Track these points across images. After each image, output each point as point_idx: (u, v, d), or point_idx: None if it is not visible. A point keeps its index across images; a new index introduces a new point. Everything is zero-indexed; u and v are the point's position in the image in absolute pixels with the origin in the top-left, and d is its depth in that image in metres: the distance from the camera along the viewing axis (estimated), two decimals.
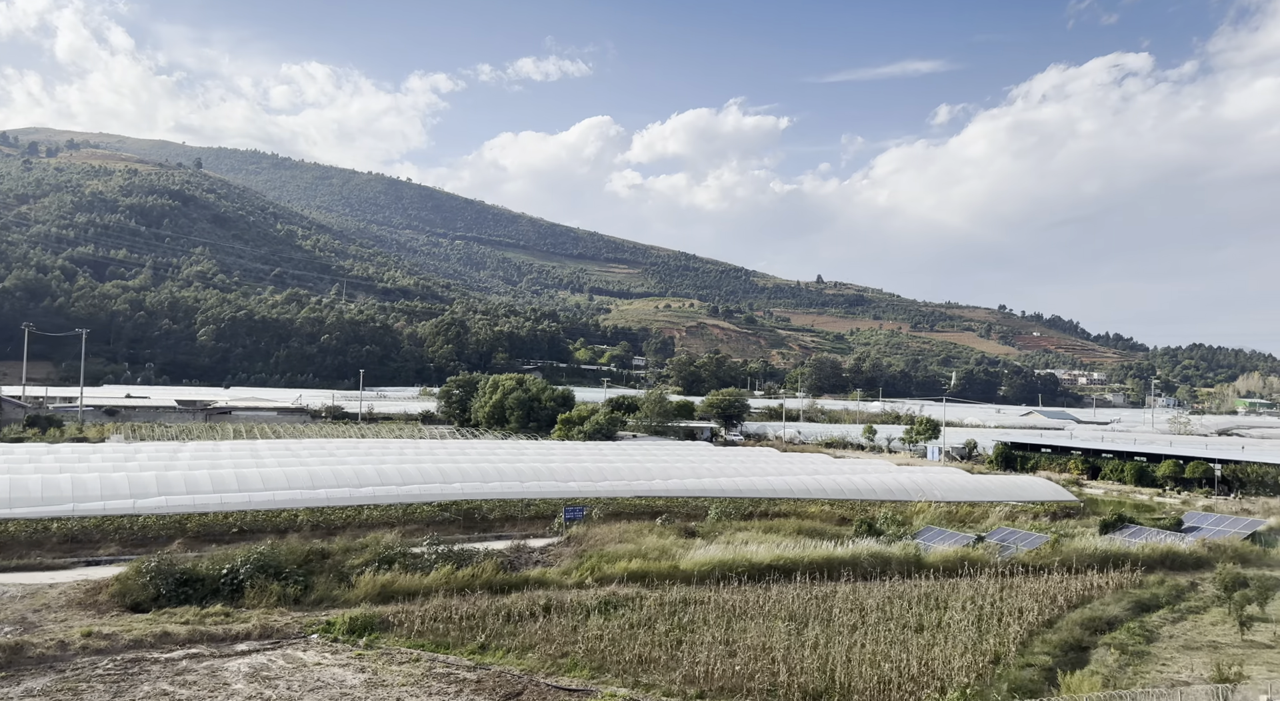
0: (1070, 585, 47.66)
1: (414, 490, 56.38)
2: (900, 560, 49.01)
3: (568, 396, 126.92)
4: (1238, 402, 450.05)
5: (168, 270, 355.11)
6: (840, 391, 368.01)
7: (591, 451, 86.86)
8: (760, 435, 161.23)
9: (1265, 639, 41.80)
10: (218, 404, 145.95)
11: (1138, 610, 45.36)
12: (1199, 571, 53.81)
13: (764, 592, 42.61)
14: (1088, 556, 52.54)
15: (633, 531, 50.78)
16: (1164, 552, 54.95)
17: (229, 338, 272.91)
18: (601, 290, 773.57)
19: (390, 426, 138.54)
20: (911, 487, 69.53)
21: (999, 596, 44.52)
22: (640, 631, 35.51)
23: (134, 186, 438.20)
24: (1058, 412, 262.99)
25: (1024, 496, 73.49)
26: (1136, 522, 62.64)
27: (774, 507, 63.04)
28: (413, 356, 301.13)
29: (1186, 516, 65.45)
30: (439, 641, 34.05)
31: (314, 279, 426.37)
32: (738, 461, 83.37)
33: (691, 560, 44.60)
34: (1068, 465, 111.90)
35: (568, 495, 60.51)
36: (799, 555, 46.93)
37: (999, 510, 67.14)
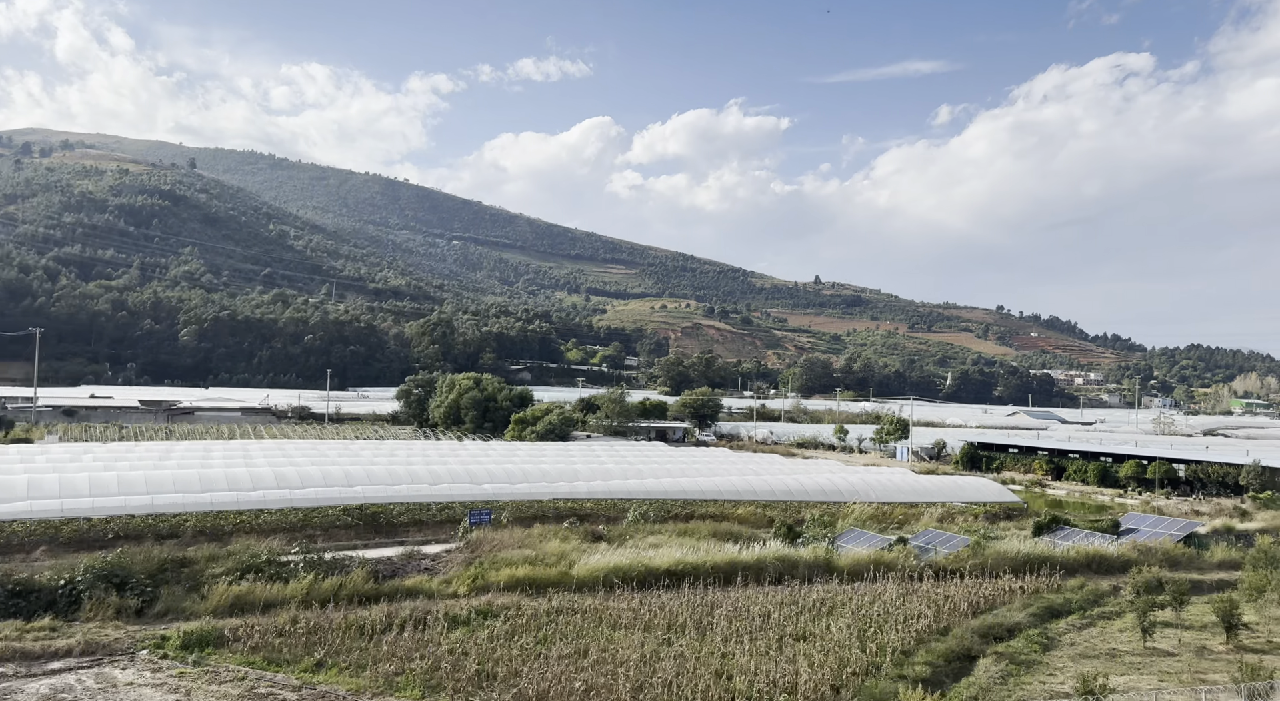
0: (980, 590, 45.88)
1: (311, 493, 54.42)
2: (808, 564, 47.25)
3: (525, 396, 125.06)
4: (1233, 403, 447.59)
5: (155, 270, 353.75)
6: (830, 392, 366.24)
7: (531, 452, 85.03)
8: (734, 436, 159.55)
9: (1169, 646, 39.97)
10: (182, 404, 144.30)
11: (1047, 616, 43.58)
12: (1125, 575, 51.94)
13: (653, 599, 40.83)
14: (1008, 560, 50.79)
15: (536, 536, 49.03)
16: (1090, 556, 53.15)
17: (211, 338, 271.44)
18: (598, 290, 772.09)
19: (357, 427, 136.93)
20: (847, 489, 67.68)
21: (901, 602, 42.75)
22: (499, 645, 33.69)
23: (124, 186, 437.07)
24: (1044, 413, 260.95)
25: (967, 497, 71.67)
26: (1070, 525, 60.80)
27: (701, 509, 61.25)
28: (398, 357, 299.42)
29: (1125, 518, 63.58)
30: (274, 658, 32.08)
31: (304, 279, 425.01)
32: (683, 462, 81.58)
33: (585, 566, 42.82)
34: (1033, 466, 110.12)
35: (481, 497, 58.67)
36: (700, 560, 45.15)
37: (934, 511, 65.33)
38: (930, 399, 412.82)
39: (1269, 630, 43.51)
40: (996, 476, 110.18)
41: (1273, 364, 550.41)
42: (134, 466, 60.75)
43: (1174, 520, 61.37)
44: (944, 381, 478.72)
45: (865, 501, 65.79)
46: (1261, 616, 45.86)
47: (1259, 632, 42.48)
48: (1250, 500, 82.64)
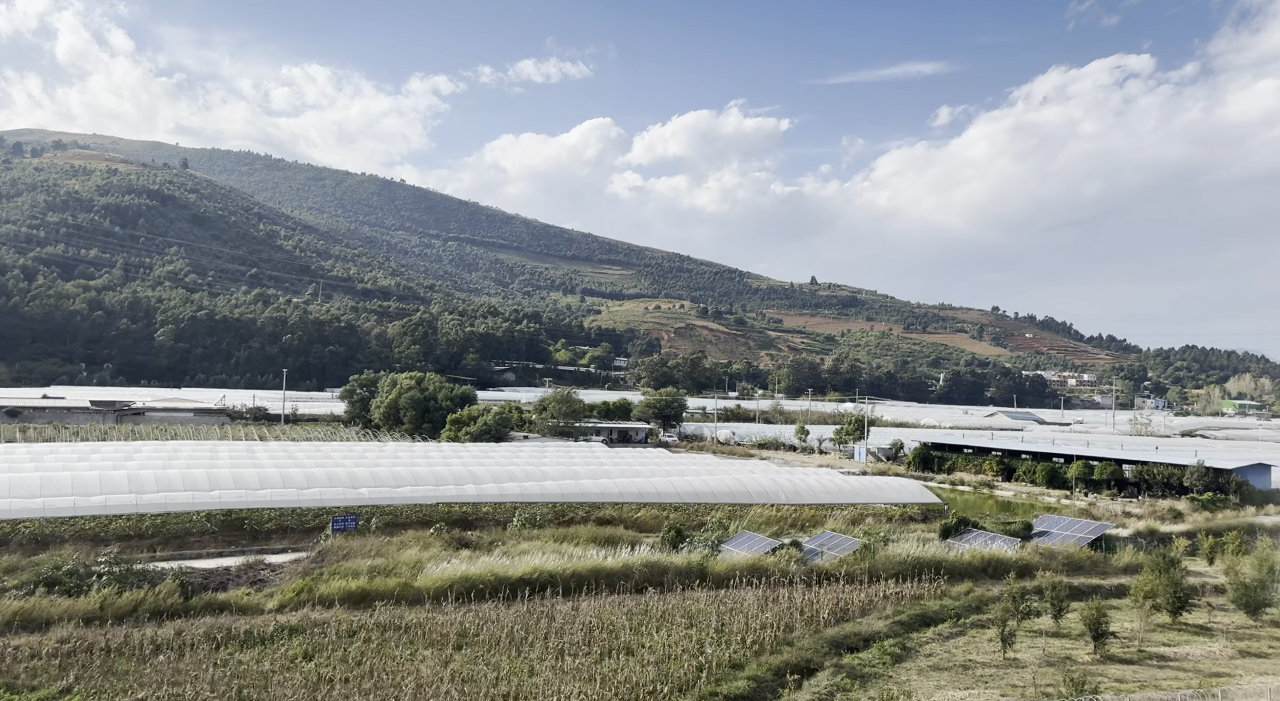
0: (855, 596, 44.00)
1: (159, 498, 52.16)
2: (679, 570, 45.30)
3: (467, 396, 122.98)
4: (1224, 404, 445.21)
5: (139, 270, 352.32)
6: (818, 392, 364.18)
7: (447, 454, 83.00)
8: (697, 436, 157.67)
9: (1031, 656, 37.99)
10: (135, 405, 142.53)
11: (917, 624, 41.65)
12: (1021, 579, 49.95)
13: (489, 611, 38.74)
14: (895, 564, 48.83)
15: (396, 544, 47.07)
16: (987, 560, 51.23)
17: (189, 338, 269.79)
18: (593, 291, 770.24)
19: (309, 428, 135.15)
20: (757, 491, 65.65)
21: (760, 610, 40.78)
22: (285, 667, 31.11)
23: (111, 186, 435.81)
24: (1023, 413, 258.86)
25: (889, 499, 69.73)
26: (980, 527, 58.80)
27: (599, 513, 59.31)
28: (379, 357, 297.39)
29: (1039, 521, 61.57)
30: (16, 685, 29.12)
31: (291, 280, 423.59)
32: (607, 464, 79.57)
33: (430, 576, 40.82)
34: (984, 466, 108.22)
35: (356, 502, 56.59)
36: (560, 568, 43.17)
37: (846, 514, 63.37)
38: (920, 400, 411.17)
39: (1146, 638, 41.54)
40: (948, 477, 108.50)
41: (1267, 365, 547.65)
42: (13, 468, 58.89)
43: (1087, 522, 59.40)
44: (936, 382, 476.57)
45: (778, 503, 63.86)
46: (1148, 623, 43.86)
47: (1132, 642, 40.49)
48: (1189, 501, 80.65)
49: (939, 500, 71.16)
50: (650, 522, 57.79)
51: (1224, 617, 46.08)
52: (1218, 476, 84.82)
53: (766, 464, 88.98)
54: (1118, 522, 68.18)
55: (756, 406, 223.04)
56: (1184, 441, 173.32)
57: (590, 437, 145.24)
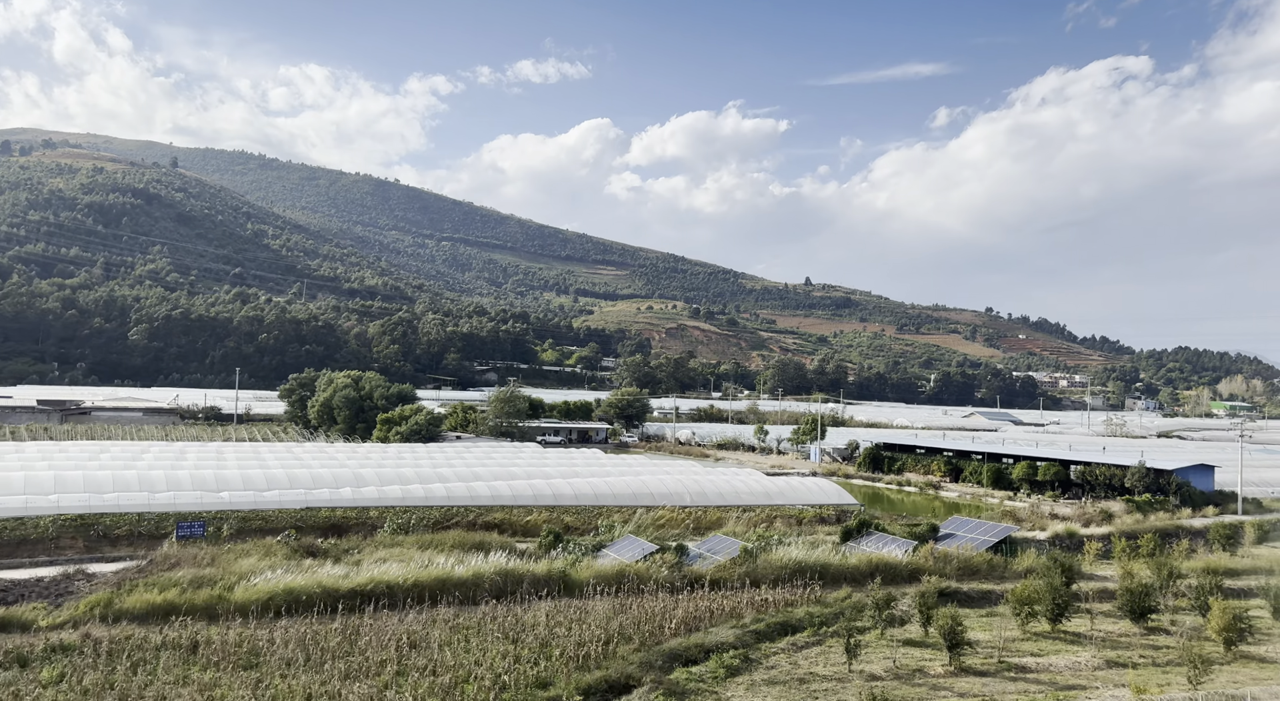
0: (722, 603, 41.82)
1: None
2: (539, 578, 43.02)
3: (404, 395, 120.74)
4: (1215, 405, 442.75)
5: (120, 269, 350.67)
6: (804, 393, 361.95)
7: (348, 454, 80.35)
8: (659, 437, 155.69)
9: (881, 669, 35.78)
10: (85, 404, 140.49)
11: (774, 633, 39.41)
12: (905, 585, 47.84)
13: (305, 627, 35.90)
14: (777, 568, 46.66)
15: (238, 551, 44.85)
16: (875, 564, 49.08)
17: (163, 337, 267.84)
18: (587, 292, 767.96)
19: (258, 428, 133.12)
20: (663, 493, 63.43)
21: (610, 618, 38.54)
22: (20, 694, 28.43)
23: (96, 185, 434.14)
24: (1001, 414, 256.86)
25: (806, 500, 67.60)
26: (883, 529, 56.61)
27: (485, 517, 57.09)
28: (358, 357, 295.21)
29: (947, 523, 59.39)
30: None
31: (276, 279, 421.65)
32: (528, 465, 77.38)
33: (250, 589, 38.43)
34: (932, 467, 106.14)
35: (214, 507, 53.95)
36: (402, 578, 40.84)
37: (753, 515, 61.23)
38: (909, 400, 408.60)
39: (1014, 648, 39.34)
40: (898, 477, 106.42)
41: (1260, 366, 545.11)
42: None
43: (992, 525, 57.24)
44: (926, 383, 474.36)
45: (683, 505, 61.66)
46: (1025, 632, 41.65)
47: (993, 652, 38.22)
48: (1124, 502, 78.49)
49: (855, 501, 68.90)
50: (540, 526, 55.64)
51: (1109, 625, 43.89)
52: (1158, 477, 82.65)
53: (690, 463, 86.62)
54: (1036, 525, 66.05)
55: (730, 407, 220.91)
56: (1154, 442, 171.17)
57: (546, 437, 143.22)
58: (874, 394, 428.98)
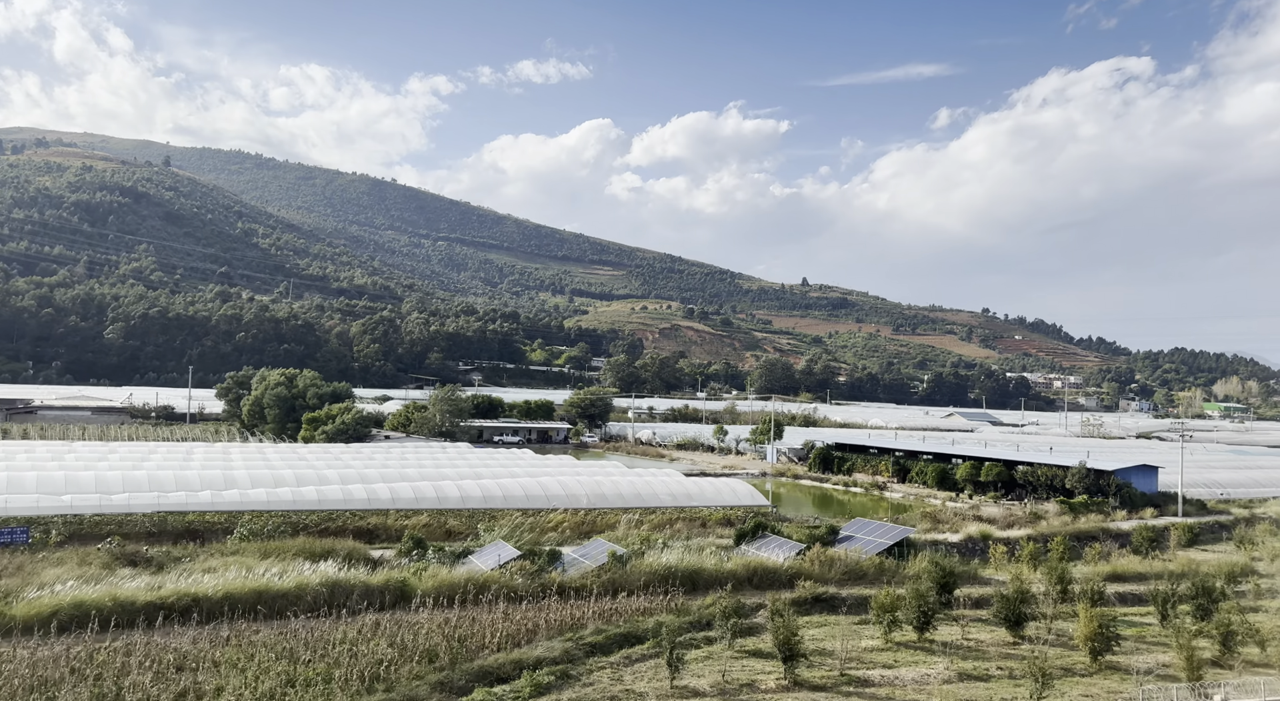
0: (565, 613, 39.54)
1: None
2: (374, 589, 40.56)
3: (340, 393, 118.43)
4: (1208, 406, 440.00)
5: (104, 267, 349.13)
6: (792, 393, 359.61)
7: (255, 455, 77.97)
8: (620, 437, 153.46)
9: (707, 684, 33.47)
10: (33, 403, 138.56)
11: (616, 644, 37.15)
12: (788, 590, 45.52)
13: (76, 645, 32.83)
14: (645, 574, 44.37)
15: (53, 560, 42.41)
16: (753, 569, 46.85)
17: (139, 335, 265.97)
18: (583, 292, 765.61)
19: (206, 428, 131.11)
20: (561, 495, 60.96)
21: (430, 633, 36.04)
22: None
23: (84, 183, 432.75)
24: (981, 414, 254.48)
25: (719, 502, 65.34)
26: (779, 532, 54.26)
27: (359, 522, 54.50)
28: (337, 356, 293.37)
29: (848, 525, 57.12)
30: None
31: (264, 278, 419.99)
32: (446, 466, 75.03)
33: (33, 604, 35.66)
34: (879, 467, 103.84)
35: (52, 511, 50.82)
36: (213, 590, 38.23)
37: (653, 518, 58.89)
38: (902, 401, 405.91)
39: (864, 659, 37.04)
40: (847, 477, 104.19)
41: (1256, 368, 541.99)
42: None
43: (890, 527, 54.94)
44: (920, 384, 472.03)
45: (580, 508, 59.36)
46: (886, 641, 39.36)
47: (839, 664, 35.87)
48: (1058, 503, 76.17)
49: (767, 502, 66.52)
50: (420, 531, 53.27)
51: (983, 633, 41.62)
52: (1098, 478, 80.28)
53: (615, 464, 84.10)
54: (953, 526, 63.73)
55: (706, 406, 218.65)
56: (1125, 443, 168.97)
57: (504, 437, 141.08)
58: (866, 394, 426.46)
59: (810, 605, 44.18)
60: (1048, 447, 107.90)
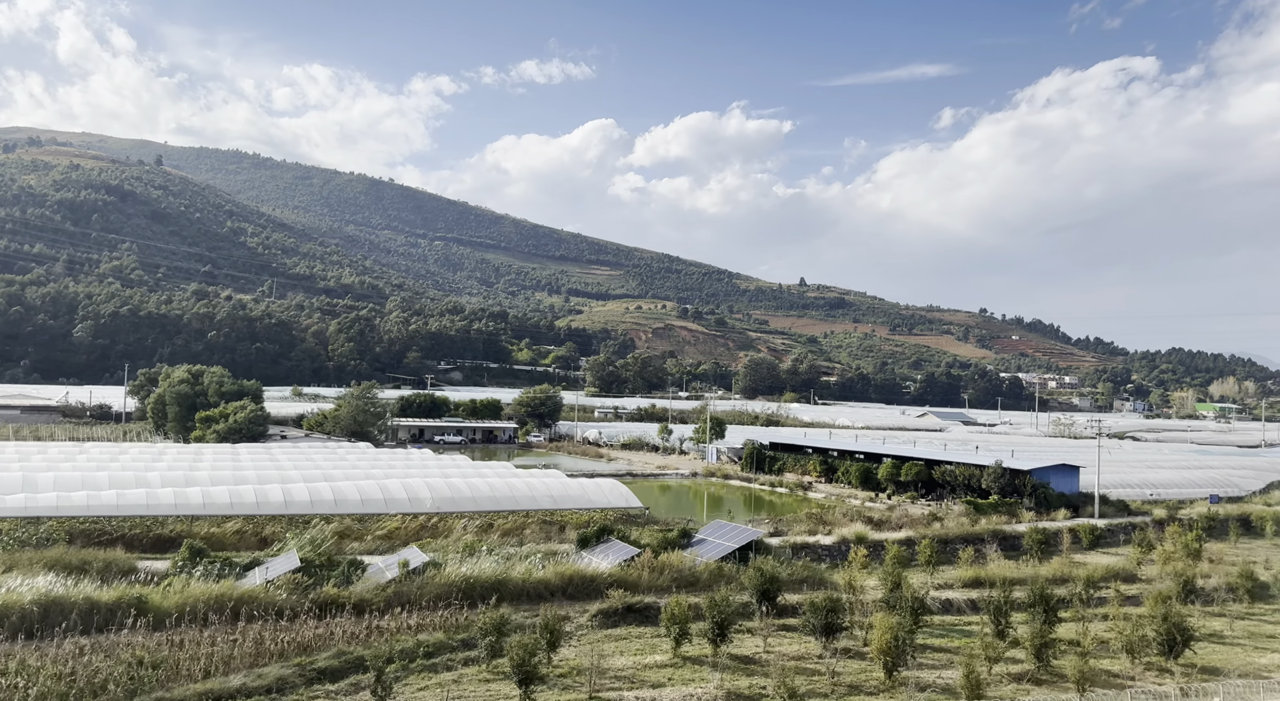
0: (331, 631, 36.03)
1: None
2: (106, 607, 36.39)
3: (247, 391, 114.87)
4: (1203, 406, 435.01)
5: (84, 265, 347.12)
6: (777, 393, 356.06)
7: (103, 455, 74.07)
8: (569, 436, 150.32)
9: None
10: None
11: (352, 669, 33.07)
12: (592, 602, 42.19)
13: None
14: (440, 587, 40.83)
15: None
16: (570, 577, 43.54)
17: (110, 334, 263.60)
18: (580, 292, 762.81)
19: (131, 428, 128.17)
20: (404, 498, 57.23)
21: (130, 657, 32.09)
22: None
23: (69, 181, 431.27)
24: (955, 414, 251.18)
25: (590, 504, 62.08)
26: (625, 538, 50.83)
27: (160, 529, 50.57)
28: (312, 355, 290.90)
29: (705, 528, 53.78)
30: None
31: (248, 277, 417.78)
32: (308, 467, 71.59)
33: None
34: (807, 466, 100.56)
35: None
36: None
37: (503, 522, 55.54)
38: (893, 401, 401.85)
39: (636, 678, 33.67)
40: (777, 477, 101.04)
41: (1253, 368, 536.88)
42: None
43: (743, 530, 51.63)
44: (913, 384, 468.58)
45: (421, 512, 55.92)
46: (676, 655, 36.00)
47: (585, 685, 32.44)
48: (964, 504, 72.73)
49: (640, 505, 63.10)
50: (231, 539, 49.82)
51: (793, 644, 38.27)
52: (1014, 478, 76.84)
53: (505, 466, 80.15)
54: (834, 528, 60.29)
55: (673, 405, 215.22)
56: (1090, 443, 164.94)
57: (445, 437, 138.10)
58: (857, 395, 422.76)
59: (620, 616, 40.87)
60: (1009, 449, 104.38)
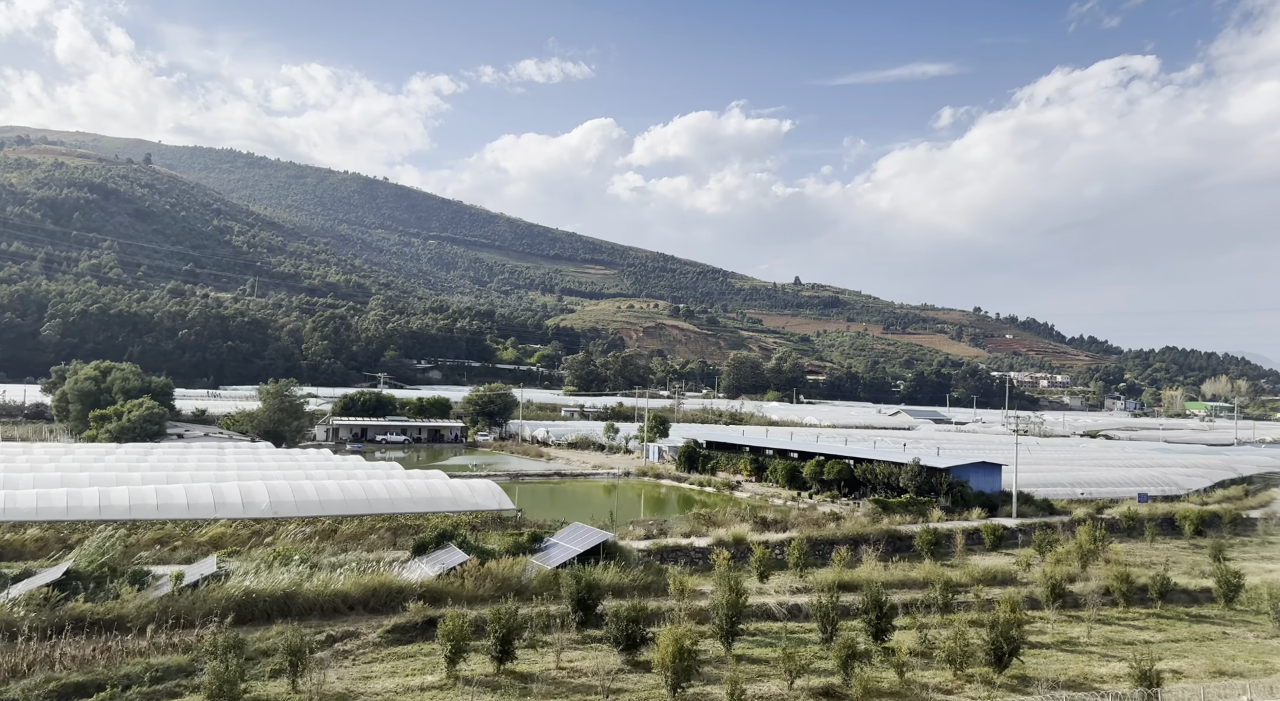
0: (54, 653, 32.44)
1: None
2: None
3: (155, 389, 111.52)
4: (1193, 405, 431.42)
5: (63, 264, 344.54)
6: (760, 391, 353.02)
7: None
8: (518, 434, 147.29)
9: None
10: None
11: None
12: (388, 616, 38.91)
13: None
14: (217, 601, 37.34)
15: None
16: (373, 589, 40.16)
17: (78, 332, 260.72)
18: (573, 291, 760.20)
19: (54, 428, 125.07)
20: (236, 502, 53.50)
21: None
22: None
23: (52, 180, 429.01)
24: (928, 412, 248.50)
25: (455, 507, 58.83)
26: (466, 545, 47.48)
27: None
28: (286, 354, 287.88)
29: (561, 531, 50.65)
30: None
31: (231, 276, 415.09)
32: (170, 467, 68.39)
33: None
34: (739, 465, 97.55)
35: None
36: None
37: (348, 527, 52.34)
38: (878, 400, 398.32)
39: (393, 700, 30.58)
40: (709, 476, 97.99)
41: (1247, 367, 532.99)
42: None
43: (594, 533, 48.46)
44: (903, 382, 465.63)
45: (258, 517, 52.46)
46: (450, 675, 32.78)
47: None
48: (872, 503, 69.63)
49: (514, 507, 59.85)
50: (32, 547, 46.26)
51: (592, 659, 35.14)
52: (931, 476, 73.72)
53: (389, 467, 76.58)
54: (707, 532, 57.22)
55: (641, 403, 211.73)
56: (1060, 442, 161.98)
57: (388, 437, 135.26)
58: (846, 393, 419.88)
59: (419, 631, 37.66)
60: (935, 447, 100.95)
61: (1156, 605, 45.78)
